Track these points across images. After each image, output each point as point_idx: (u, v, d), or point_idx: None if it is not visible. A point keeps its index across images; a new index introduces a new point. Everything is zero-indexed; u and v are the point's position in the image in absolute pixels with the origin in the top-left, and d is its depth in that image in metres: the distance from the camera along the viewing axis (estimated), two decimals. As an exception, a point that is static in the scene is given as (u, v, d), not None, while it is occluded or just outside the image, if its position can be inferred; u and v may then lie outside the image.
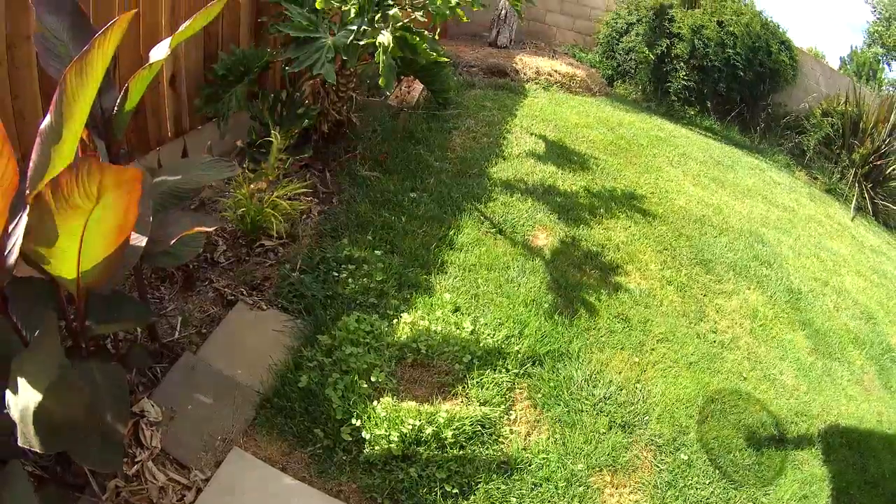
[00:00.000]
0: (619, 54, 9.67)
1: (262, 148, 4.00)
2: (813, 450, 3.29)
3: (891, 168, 8.33)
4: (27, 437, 1.53)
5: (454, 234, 3.94)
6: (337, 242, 3.58)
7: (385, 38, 3.61)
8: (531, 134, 5.94)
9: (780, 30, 9.40)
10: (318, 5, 3.84)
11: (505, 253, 3.89)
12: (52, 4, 2.18)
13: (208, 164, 2.52)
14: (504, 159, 5.22)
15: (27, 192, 1.60)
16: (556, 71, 8.32)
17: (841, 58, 20.22)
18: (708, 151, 7.20)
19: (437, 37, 4.30)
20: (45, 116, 1.54)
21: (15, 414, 1.53)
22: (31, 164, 1.61)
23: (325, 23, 4.00)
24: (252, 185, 3.47)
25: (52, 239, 1.58)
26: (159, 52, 1.99)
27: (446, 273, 3.56)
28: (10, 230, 1.71)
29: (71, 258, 1.66)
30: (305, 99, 4.33)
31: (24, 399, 1.54)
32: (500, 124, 6.00)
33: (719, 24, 8.87)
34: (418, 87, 6.03)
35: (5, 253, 1.70)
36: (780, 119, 9.41)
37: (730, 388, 3.44)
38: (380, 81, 3.60)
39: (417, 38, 3.97)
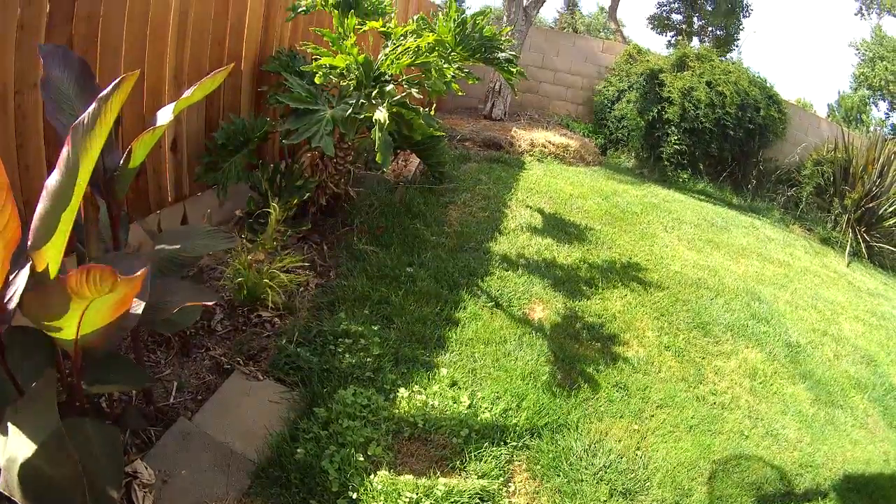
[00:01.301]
0: (612, 122, 10.01)
1: (261, 218, 4.11)
2: (821, 500, 3.28)
3: (883, 208, 8.51)
4: (9, 486, 1.55)
5: (451, 308, 4.02)
6: (334, 316, 3.65)
7: (381, 114, 3.76)
8: (527, 206, 6.12)
9: (768, 84, 9.82)
10: (316, 80, 4.01)
11: (502, 327, 3.96)
12: (58, 57, 2.27)
13: (208, 234, 2.60)
14: (500, 233, 5.36)
15: (29, 244, 1.64)
16: (549, 142, 8.61)
17: (828, 105, 20.88)
18: (701, 214, 7.37)
19: (432, 111, 4.50)
20: (50, 170, 1.59)
21: (0, 460, 1.56)
22: (34, 220, 1.66)
23: (323, 95, 4.15)
24: (250, 256, 3.56)
25: (53, 312, 1.63)
26: (163, 116, 2.06)
27: (443, 348, 3.62)
28: (10, 280, 1.75)
29: (71, 325, 1.71)
30: (304, 171, 4.46)
31: (14, 449, 1.57)
32: (496, 198, 6.17)
33: (708, 84, 9.22)
34: (415, 160, 6.25)
35: (4, 301, 1.74)
36: (772, 174, 9.68)
37: (732, 448, 3.45)
38: (377, 157, 3.71)
39: (413, 114, 4.12)
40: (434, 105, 4.76)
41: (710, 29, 17.61)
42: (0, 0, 2.57)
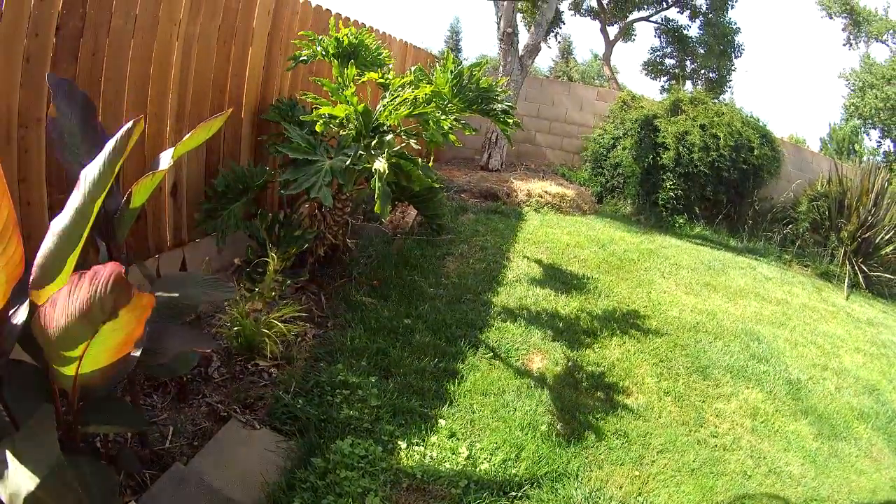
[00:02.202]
0: (607, 170, 10.23)
1: (259, 267, 4.19)
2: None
3: (879, 237, 8.66)
4: (12, 519, 1.55)
5: (449, 360, 4.09)
6: (331, 367, 3.71)
7: (380, 165, 3.85)
8: (524, 257, 6.25)
9: (761, 123, 10.05)
10: (317, 128, 4.12)
11: (500, 378, 4.02)
12: (64, 91, 2.35)
13: (207, 282, 2.65)
14: (498, 284, 5.46)
15: (31, 281, 1.67)
16: (546, 192, 8.80)
17: (821, 139, 21.18)
18: (698, 258, 7.50)
19: (430, 162, 4.64)
20: (49, 210, 1.66)
21: (3, 495, 1.54)
22: (38, 258, 1.69)
23: (322, 146, 4.24)
24: (248, 305, 3.63)
25: (57, 340, 1.64)
26: (163, 161, 2.11)
27: (442, 399, 3.68)
28: (10, 314, 1.79)
29: (73, 359, 1.73)
30: (303, 221, 4.56)
31: (16, 483, 1.56)
32: (494, 249, 6.31)
33: (702, 127, 9.45)
34: (412, 212, 6.39)
35: (3, 335, 1.78)
36: (767, 213, 9.88)
37: (735, 488, 3.47)
38: (375, 208, 3.78)
39: (411, 165, 4.23)
40: (432, 156, 4.91)
41: (702, 72, 18.00)
42: (7, 32, 2.68)
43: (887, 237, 8.72)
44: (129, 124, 1.75)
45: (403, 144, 4.53)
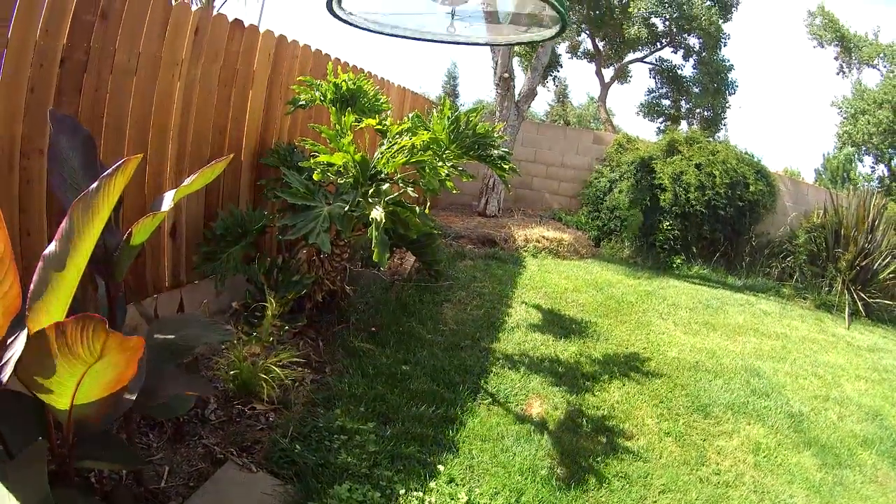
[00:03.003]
0: (605, 213, 10.40)
1: (257, 311, 4.24)
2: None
3: (877, 263, 8.80)
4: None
5: (447, 406, 4.13)
6: (329, 412, 3.76)
7: (378, 213, 3.92)
8: (522, 303, 6.36)
9: (755, 159, 10.31)
10: (315, 177, 4.19)
11: (499, 423, 4.06)
12: (66, 126, 2.41)
13: (205, 325, 2.70)
14: (496, 330, 5.55)
15: (27, 313, 1.70)
16: (543, 237, 8.97)
17: (815, 169, 21.46)
18: (696, 297, 7.63)
19: (427, 209, 4.75)
20: (49, 241, 1.66)
21: None
22: (32, 286, 1.73)
23: (320, 192, 4.32)
24: (246, 349, 3.68)
25: (49, 374, 1.67)
26: (163, 202, 2.17)
27: (440, 445, 3.71)
28: (7, 344, 1.83)
29: (66, 393, 1.76)
30: (301, 266, 4.61)
31: None
32: (492, 295, 6.42)
33: (697, 167, 9.64)
34: (410, 258, 6.50)
35: (1, 364, 1.81)
36: (764, 249, 10.03)
37: None
38: (373, 255, 3.84)
39: (409, 212, 4.31)
40: (429, 203, 5.02)
41: (697, 111, 18.36)
42: (13, 60, 2.79)
43: (885, 262, 8.88)
44: (125, 159, 1.83)
45: (401, 192, 4.62)
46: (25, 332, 1.76)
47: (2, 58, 2.78)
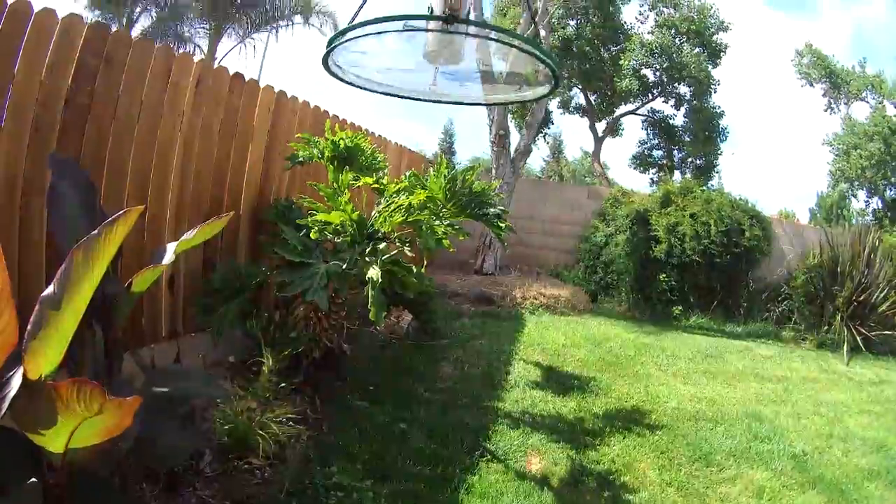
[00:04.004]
0: (601, 268, 10.61)
1: (254, 366, 4.28)
2: None
3: (875, 296, 8.97)
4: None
5: (445, 464, 4.15)
6: (325, 469, 3.77)
7: (374, 273, 4.03)
8: (520, 360, 6.45)
9: (750, 204, 10.52)
10: (312, 235, 4.26)
11: (498, 480, 4.08)
12: (66, 170, 2.51)
13: (201, 378, 2.82)
14: (494, 388, 5.61)
15: (23, 353, 1.77)
16: (541, 294, 9.14)
17: (810, 209, 21.79)
18: (695, 347, 7.75)
19: (423, 268, 4.86)
20: (47, 281, 1.75)
21: None
22: (29, 326, 1.78)
23: (318, 249, 4.42)
24: (242, 403, 3.72)
25: (44, 422, 1.74)
26: (165, 256, 2.25)
27: (438, 503, 3.75)
28: (3, 380, 1.87)
29: (61, 437, 1.82)
30: (298, 322, 4.62)
31: None
32: (489, 353, 6.51)
33: (692, 216, 9.82)
34: (407, 316, 6.62)
35: None
36: (762, 293, 10.19)
37: None
38: (370, 314, 3.92)
39: (405, 272, 4.42)
40: (426, 261, 5.14)
41: (689, 160, 18.73)
42: (18, 97, 2.92)
43: (882, 294, 9.05)
44: (124, 210, 1.92)
45: (398, 251, 4.70)
46: (21, 370, 1.83)
47: (8, 92, 2.92)
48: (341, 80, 3.21)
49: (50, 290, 1.83)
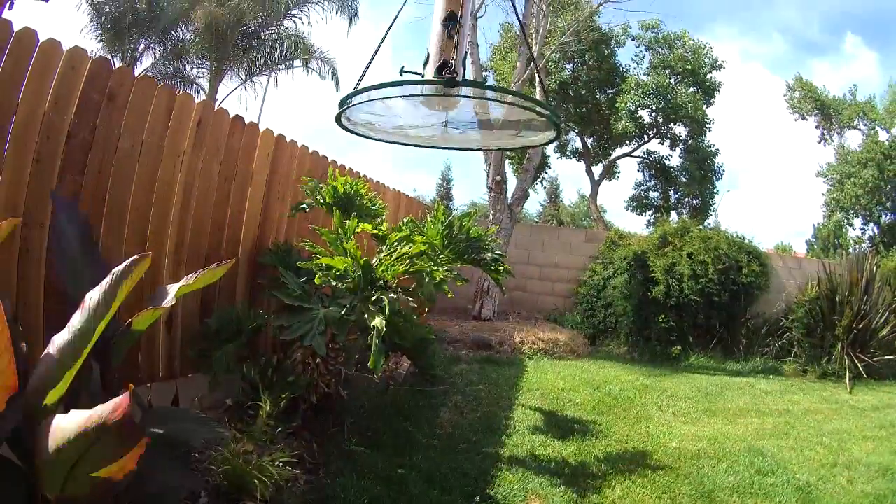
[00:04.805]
0: (599, 311, 10.72)
1: (251, 409, 4.29)
2: None
3: (875, 321, 9.15)
4: None
5: None
6: None
7: (379, 321, 4.06)
8: (519, 405, 6.51)
9: (747, 241, 10.71)
10: (316, 281, 4.34)
11: None
12: (66, 209, 2.57)
13: (198, 420, 2.85)
14: (493, 433, 5.64)
15: (28, 388, 1.84)
16: (539, 338, 9.26)
17: (807, 241, 21.99)
18: (695, 386, 7.84)
19: (423, 316, 4.92)
20: (47, 310, 1.85)
21: None
22: (38, 366, 1.86)
23: (317, 294, 4.47)
24: (239, 446, 3.74)
25: (44, 456, 1.78)
26: (166, 298, 2.32)
27: None
28: (4, 416, 1.89)
29: (58, 477, 1.85)
30: (296, 366, 4.66)
31: None
32: (488, 398, 6.58)
33: (689, 256, 9.99)
34: (405, 362, 6.69)
35: None
36: (761, 329, 10.33)
37: None
38: (370, 362, 3.98)
39: (405, 321, 4.49)
40: (426, 309, 5.19)
41: (686, 200, 18.96)
42: (20, 128, 2.98)
43: (882, 319, 9.25)
44: (136, 258, 2.02)
45: (396, 298, 4.73)
46: (21, 407, 1.91)
47: (11, 121, 2.99)
48: (352, 132, 3.34)
49: (61, 335, 1.92)
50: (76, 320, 1.94)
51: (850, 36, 57.16)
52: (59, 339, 1.93)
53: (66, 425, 1.77)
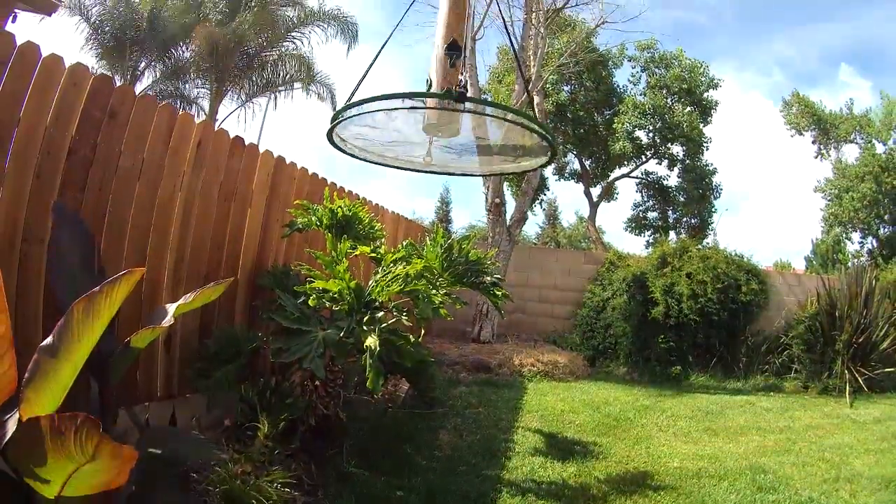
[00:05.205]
0: (598, 332, 10.77)
1: (249, 430, 4.28)
2: None
3: (875, 334, 9.22)
4: None
5: None
6: None
7: (372, 341, 4.09)
8: (519, 427, 6.53)
9: (746, 258, 10.81)
10: (311, 303, 4.38)
11: None
12: (68, 221, 2.58)
13: (196, 441, 2.90)
14: (493, 455, 5.65)
15: (20, 400, 1.83)
16: (538, 360, 9.31)
17: (805, 257, 22.08)
18: (695, 406, 7.88)
19: (420, 337, 4.93)
20: (44, 329, 1.87)
21: None
22: (27, 375, 1.84)
23: (315, 317, 4.48)
24: (237, 467, 3.75)
25: (39, 463, 1.77)
26: (164, 318, 2.34)
27: None
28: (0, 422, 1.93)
29: (54, 485, 1.85)
30: (294, 388, 4.71)
31: None
32: (487, 420, 6.60)
33: (688, 276, 10.07)
34: (404, 385, 6.70)
35: None
36: (761, 346, 10.39)
37: None
38: (367, 382, 4.00)
39: (403, 340, 4.49)
40: (423, 330, 5.21)
41: (684, 219, 19.09)
42: (21, 143, 3.01)
43: (882, 332, 9.32)
44: (127, 271, 2.02)
45: (395, 319, 4.81)
46: (17, 415, 1.92)
47: (13, 135, 3.02)
48: (343, 151, 3.37)
49: (49, 340, 1.94)
50: (62, 323, 1.95)
51: (844, 66, 58.96)
52: (46, 346, 1.94)
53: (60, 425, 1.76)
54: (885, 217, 20.56)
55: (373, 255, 5.01)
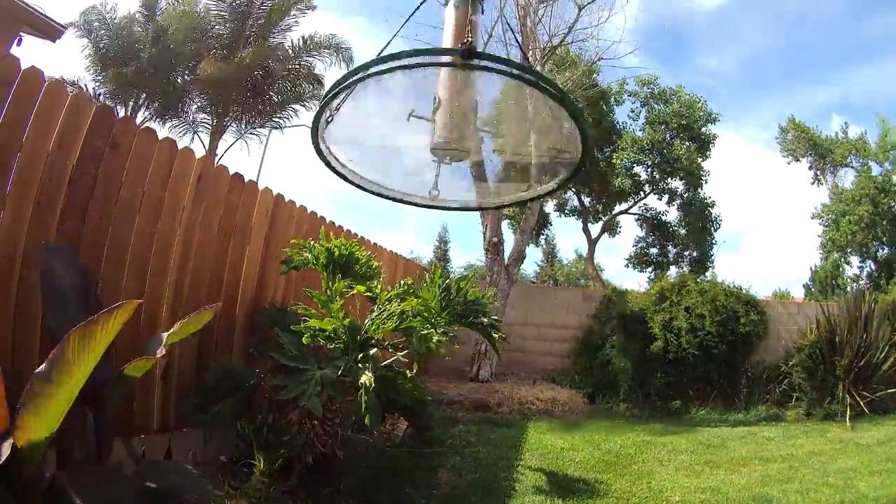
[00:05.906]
0: (597, 369, 10.85)
1: (245, 467, 4.35)
2: None
3: (876, 357, 9.29)
4: None
5: None
6: None
7: (366, 378, 4.16)
8: (518, 465, 6.54)
9: (744, 290, 10.93)
10: (304, 340, 4.42)
11: None
12: (61, 257, 2.61)
13: (191, 476, 2.91)
14: (492, 494, 5.65)
15: (15, 430, 1.88)
16: (537, 398, 9.39)
17: (804, 285, 22.16)
18: (696, 439, 7.92)
19: (414, 372, 4.97)
20: (42, 347, 1.91)
21: None
22: (21, 401, 1.88)
23: (313, 355, 4.53)
24: (234, 503, 3.81)
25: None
26: (158, 349, 2.37)
27: None
28: None
29: None
30: (292, 426, 4.73)
31: None
32: (486, 460, 6.60)
33: (687, 310, 10.17)
34: (403, 423, 6.73)
35: None
36: (761, 376, 10.43)
37: None
38: (365, 419, 4.06)
39: (399, 377, 4.57)
40: (416, 367, 5.27)
41: (686, 253, 19.20)
42: (23, 169, 3.06)
43: (883, 354, 9.39)
44: (121, 303, 2.06)
45: (392, 358, 4.90)
46: (11, 442, 1.97)
47: (15, 163, 3.08)
48: (334, 170, 3.32)
49: (43, 367, 1.98)
50: (56, 352, 1.99)
51: (835, 117, 64.98)
52: (39, 375, 1.98)
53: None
54: (883, 239, 20.79)
55: (368, 293, 5.08)
